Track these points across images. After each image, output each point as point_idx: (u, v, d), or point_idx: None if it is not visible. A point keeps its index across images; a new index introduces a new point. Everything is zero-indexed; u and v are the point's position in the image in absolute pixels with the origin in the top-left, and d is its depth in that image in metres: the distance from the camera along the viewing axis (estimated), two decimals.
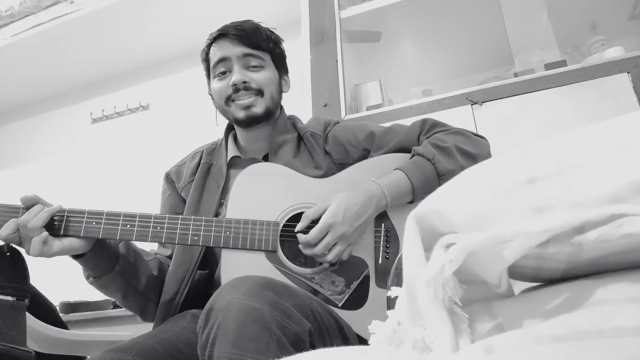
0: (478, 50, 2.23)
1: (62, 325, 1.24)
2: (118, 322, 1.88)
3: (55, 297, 1.47)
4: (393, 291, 0.35)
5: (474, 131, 1.05)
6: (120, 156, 2.87)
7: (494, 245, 0.27)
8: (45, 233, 0.84)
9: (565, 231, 0.26)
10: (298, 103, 1.85)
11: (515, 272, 0.32)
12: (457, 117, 1.62)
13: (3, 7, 2.73)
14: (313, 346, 0.68)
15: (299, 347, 0.64)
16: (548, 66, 1.63)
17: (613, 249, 0.27)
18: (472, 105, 1.64)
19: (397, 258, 0.57)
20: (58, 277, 1.74)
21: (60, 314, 1.33)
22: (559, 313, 0.27)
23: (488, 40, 2.14)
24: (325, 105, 1.84)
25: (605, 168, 0.27)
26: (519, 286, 0.33)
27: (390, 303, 0.36)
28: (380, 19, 2.06)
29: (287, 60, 1.18)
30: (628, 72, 1.48)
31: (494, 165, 0.32)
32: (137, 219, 0.89)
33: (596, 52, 1.82)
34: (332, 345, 0.75)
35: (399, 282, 0.37)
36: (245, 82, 1.02)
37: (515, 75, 1.68)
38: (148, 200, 1.20)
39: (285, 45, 1.17)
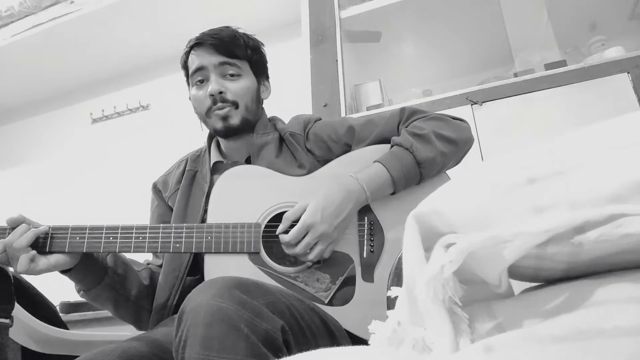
0: (478, 50, 2.23)
1: (62, 325, 1.24)
2: (118, 322, 1.88)
3: (55, 297, 1.47)
4: (393, 291, 0.35)
5: (454, 115, 1.04)
6: (120, 156, 2.86)
7: (494, 246, 0.27)
8: (33, 252, 0.87)
9: (565, 231, 0.26)
10: (298, 103, 1.86)
11: (515, 272, 0.32)
12: None
13: (3, 7, 2.73)
14: (287, 343, 0.68)
15: (271, 345, 0.64)
16: (548, 66, 1.63)
17: (613, 249, 0.27)
18: (472, 105, 1.64)
19: (397, 258, 0.57)
20: (58, 277, 1.74)
21: (60, 314, 1.33)
22: (559, 313, 0.27)
23: (488, 40, 2.14)
24: (325, 105, 1.84)
25: (605, 168, 0.27)
26: (519, 286, 0.33)
27: (390, 303, 0.36)
28: (380, 19, 2.06)
29: (287, 60, 1.18)
30: (628, 72, 1.48)
31: (494, 166, 0.32)
32: (120, 230, 0.91)
33: (596, 52, 1.82)
34: (315, 342, 0.75)
35: (399, 282, 0.37)
36: (221, 92, 1.02)
37: (515, 75, 1.68)
38: (148, 200, 1.20)
39: (285, 45, 1.17)
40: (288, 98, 1.19)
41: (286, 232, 0.90)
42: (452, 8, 2.06)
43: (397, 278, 0.58)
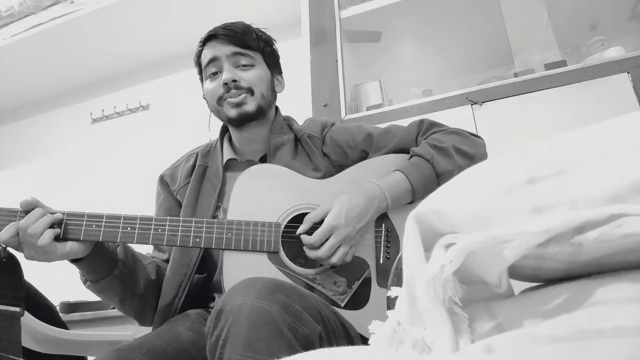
0: (478, 50, 2.23)
1: (62, 325, 1.24)
2: (118, 322, 1.88)
3: (55, 297, 1.47)
4: (393, 291, 0.35)
5: (471, 131, 1.06)
6: (120, 156, 2.86)
7: (494, 245, 0.27)
8: (53, 232, 0.84)
9: (565, 231, 0.26)
10: (298, 103, 1.86)
11: (515, 272, 0.32)
12: (457, 117, 1.62)
13: (3, 7, 2.73)
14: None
15: (310, 350, 0.64)
16: (548, 66, 1.63)
17: (613, 249, 0.27)
18: (472, 105, 1.64)
19: (397, 258, 0.57)
20: (58, 277, 1.74)
21: (60, 314, 1.33)
22: (559, 313, 0.27)
23: (488, 40, 2.14)
24: (325, 105, 1.84)
25: (605, 168, 0.27)
26: (519, 286, 0.33)
27: (390, 303, 0.36)
28: (380, 19, 2.06)
29: (287, 60, 1.18)
30: (628, 72, 1.48)
31: (494, 165, 0.32)
32: (138, 221, 0.88)
33: (596, 52, 1.82)
34: (337, 346, 0.75)
35: (399, 282, 0.37)
36: (235, 81, 1.02)
37: (515, 75, 1.68)
38: (148, 200, 1.20)
39: (285, 45, 1.17)
40: (288, 98, 1.19)
41: (307, 233, 0.90)
42: (452, 8, 2.06)
43: (397, 278, 0.58)
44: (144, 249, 1.08)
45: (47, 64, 2.93)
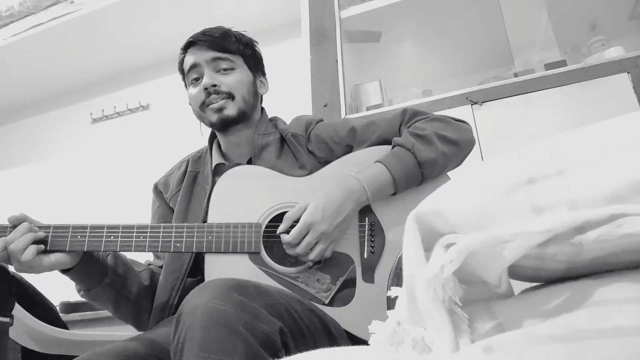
0: (478, 50, 2.23)
1: (62, 325, 1.24)
2: (118, 322, 1.87)
3: (55, 297, 1.47)
4: (393, 291, 0.35)
5: (456, 117, 1.03)
6: (120, 156, 2.86)
7: (493, 245, 0.27)
8: (36, 248, 0.86)
9: (565, 231, 0.26)
10: (298, 103, 1.86)
11: (515, 272, 0.32)
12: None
13: (3, 7, 2.73)
14: (286, 345, 0.68)
15: (269, 347, 0.64)
16: (548, 66, 1.63)
17: (613, 249, 0.27)
18: (472, 105, 1.64)
19: (397, 258, 0.57)
20: (58, 277, 1.74)
21: (60, 314, 1.33)
22: (559, 313, 0.27)
23: (488, 40, 2.14)
24: (325, 105, 1.84)
25: (605, 168, 0.27)
26: (519, 286, 0.33)
27: (390, 303, 0.36)
28: (380, 19, 2.06)
29: (287, 60, 1.18)
30: (628, 72, 1.48)
31: (494, 165, 0.32)
32: (120, 230, 0.90)
33: (596, 52, 1.82)
34: (314, 343, 0.75)
35: (399, 282, 0.37)
36: (215, 85, 1.03)
37: (515, 75, 1.68)
38: (147, 200, 1.20)
39: (285, 45, 1.17)
40: (288, 98, 1.19)
41: (287, 232, 0.90)
42: (452, 8, 2.06)
43: (397, 278, 0.58)
44: (142, 258, 1.09)
45: (46, 64, 2.93)
